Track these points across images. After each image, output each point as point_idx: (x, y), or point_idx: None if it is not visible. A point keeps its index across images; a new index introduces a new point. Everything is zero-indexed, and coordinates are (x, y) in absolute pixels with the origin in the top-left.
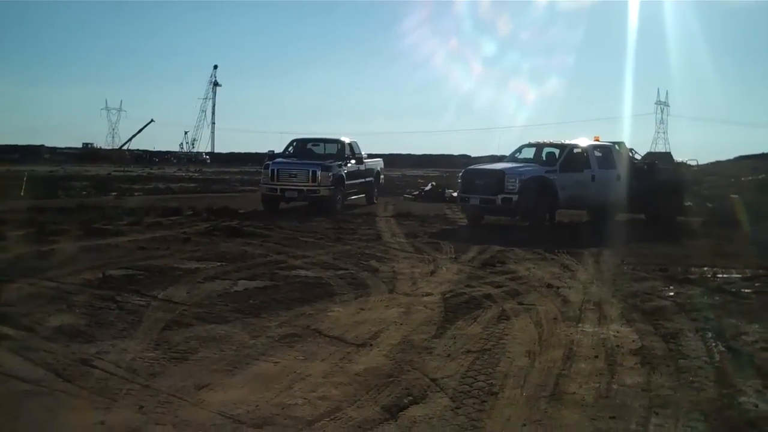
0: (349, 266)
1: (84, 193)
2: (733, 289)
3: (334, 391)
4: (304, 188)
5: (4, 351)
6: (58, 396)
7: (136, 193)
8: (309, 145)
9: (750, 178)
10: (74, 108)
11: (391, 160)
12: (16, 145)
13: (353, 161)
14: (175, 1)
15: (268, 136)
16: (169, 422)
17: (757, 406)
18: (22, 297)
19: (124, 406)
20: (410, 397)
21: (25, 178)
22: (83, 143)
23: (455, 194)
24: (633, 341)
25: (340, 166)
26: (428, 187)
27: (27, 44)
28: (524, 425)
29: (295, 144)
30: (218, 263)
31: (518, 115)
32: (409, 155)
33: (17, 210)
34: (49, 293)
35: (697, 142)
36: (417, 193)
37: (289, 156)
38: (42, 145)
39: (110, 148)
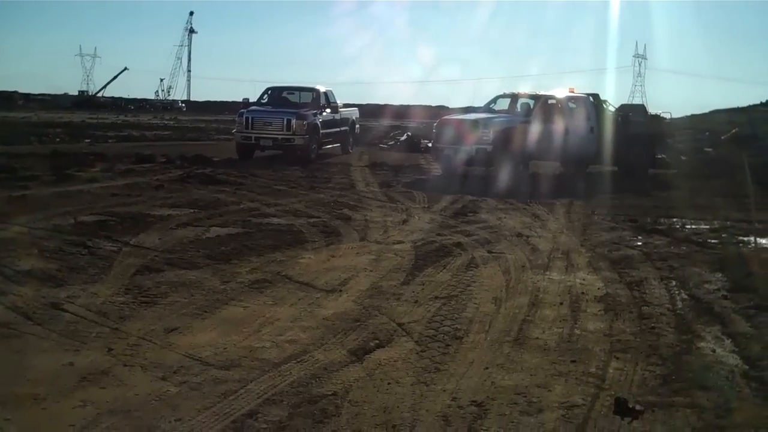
0: (322, 215)
1: (57, 139)
2: (700, 240)
3: (301, 334)
4: (279, 136)
5: None
6: (28, 338)
7: (110, 140)
8: (284, 94)
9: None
10: (48, 55)
11: (369, 110)
12: None
13: (328, 110)
14: None
15: (244, 85)
16: (138, 364)
17: (714, 351)
18: None
19: (94, 348)
20: (376, 341)
21: None
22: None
23: (430, 144)
24: (598, 289)
25: (315, 114)
26: (404, 138)
27: None
28: (486, 368)
29: (269, 92)
30: (191, 210)
31: (497, 67)
32: (387, 105)
33: None
34: (20, 238)
35: (675, 96)
36: (392, 143)
37: (264, 105)
38: (15, 91)
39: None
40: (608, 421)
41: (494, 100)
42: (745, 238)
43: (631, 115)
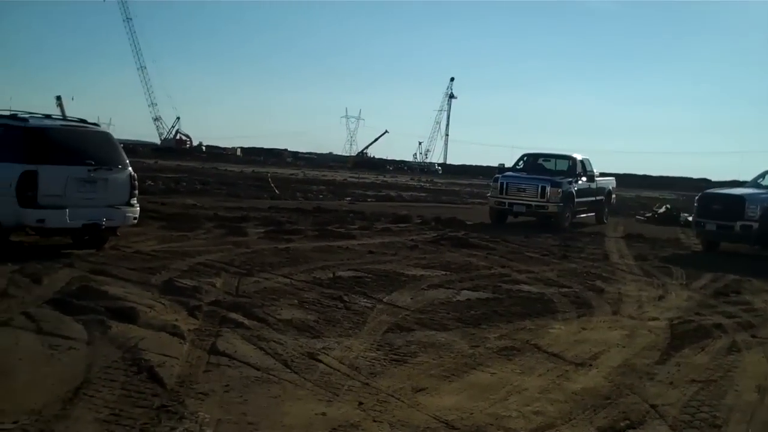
0: (574, 284)
1: (321, 196)
2: None
3: (549, 407)
4: (533, 203)
5: (239, 339)
6: (285, 385)
7: (369, 200)
8: (540, 160)
9: None
10: (316, 116)
11: (626, 180)
12: (262, 148)
13: (584, 178)
14: (412, 15)
15: (500, 150)
16: (386, 421)
17: None
18: (258, 290)
19: (345, 401)
20: (627, 421)
21: (269, 179)
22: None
23: (691, 218)
24: None
25: (570, 182)
26: (662, 210)
27: (277, 53)
28: None
29: (526, 158)
30: (443, 272)
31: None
32: (645, 176)
33: (259, 209)
34: (283, 289)
35: None
36: (650, 215)
37: (520, 170)
38: (285, 149)
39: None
40: None
41: (762, 175)
42: None
43: None
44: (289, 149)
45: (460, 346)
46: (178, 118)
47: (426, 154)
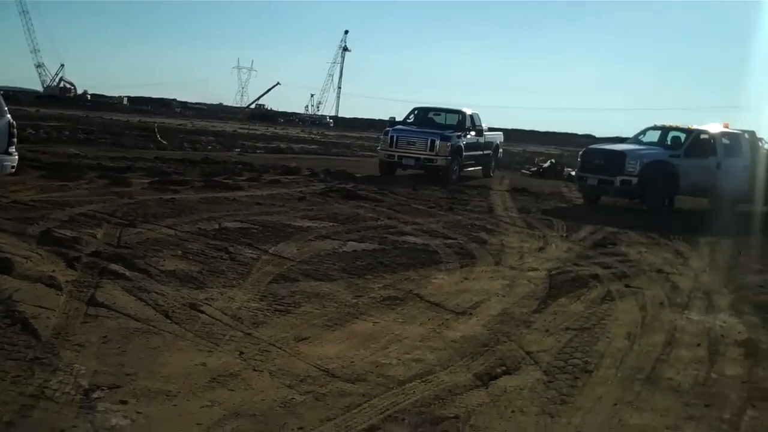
0: (458, 236)
1: (209, 147)
2: None
3: (428, 355)
4: (422, 156)
5: (120, 290)
6: (165, 336)
7: (258, 151)
8: (430, 115)
9: None
10: (206, 66)
11: (513, 134)
12: (150, 98)
13: (473, 133)
14: None
15: (392, 104)
16: (267, 370)
17: None
18: (141, 241)
19: (226, 351)
20: (503, 367)
21: (156, 129)
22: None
23: (574, 173)
24: (739, 333)
25: (459, 136)
26: (547, 164)
27: (167, 2)
28: (615, 405)
29: (416, 112)
30: (330, 223)
31: (648, 98)
32: (532, 131)
33: (145, 159)
34: (167, 240)
35: None
36: (535, 169)
37: (410, 124)
38: (174, 99)
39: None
40: None
41: (643, 132)
42: None
43: None
44: (178, 99)
45: (344, 296)
46: (62, 65)
47: (318, 107)
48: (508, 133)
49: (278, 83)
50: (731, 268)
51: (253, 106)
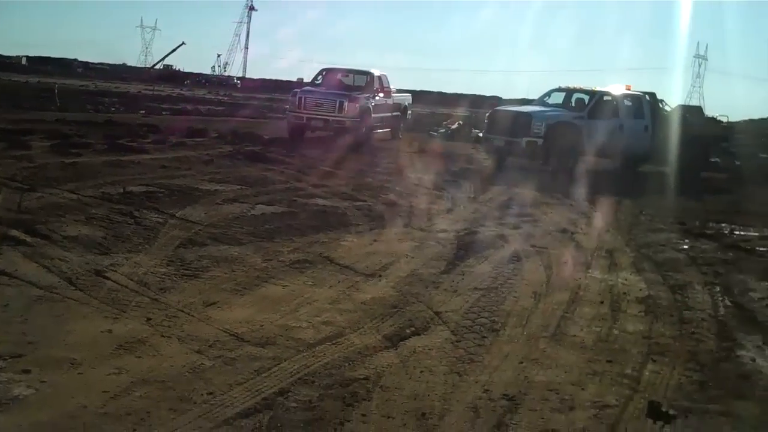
0: (368, 198)
1: (113, 109)
2: (748, 247)
3: (338, 317)
4: (330, 118)
5: (21, 257)
6: (69, 303)
7: (164, 113)
8: (338, 76)
9: None
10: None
11: (422, 97)
12: (50, 57)
13: (381, 94)
14: None
15: (301, 65)
16: (175, 335)
17: (754, 360)
18: (42, 206)
19: (133, 317)
20: (412, 328)
21: (56, 89)
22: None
23: (481, 134)
24: (640, 290)
25: (367, 98)
26: (455, 126)
27: None
28: (521, 362)
29: (324, 74)
30: (238, 187)
31: (555, 60)
32: (441, 93)
33: (45, 121)
34: (69, 204)
35: (734, 99)
36: (444, 131)
37: (318, 85)
38: (75, 59)
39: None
40: (640, 423)
41: (548, 94)
42: None
43: (687, 116)
44: (79, 59)
45: (253, 260)
46: None
47: (225, 68)
48: (417, 95)
49: (183, 43)
50: (633, 227)
51: (159, 66)
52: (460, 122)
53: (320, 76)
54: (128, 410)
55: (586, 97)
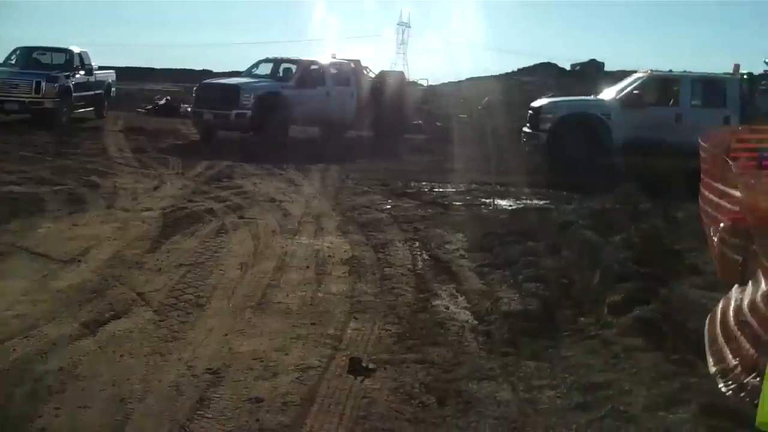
0: (68, 181)
1: None
2: (446, 202)
3: (32, 308)
4: (27, 100)
5: None
6: None
7: None
8: (34, 54)
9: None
10: None
11: (129, 72)
12: None
13: (82, 72)
14: None
15: None
16: None
17: (447, 308)
18: None
19: None
20: (112, 312)
21: None
22: None
23: (190, 109)
24: (345, 251)
25: (67, 77)
26: (162, 102)
27: None
28: (226, 335)
29: (18, 52)
30: None
31: (265, 32)
32: (149, 68)
33: None
34: None
35: (436, 64)
36: (150, 107)
37: (12, 65)
38: None
39: None
40: (341, 381)
41: (256, 65)
42: (487, 200)
43: (387, 81)
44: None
45: None
46: None
47: None
48: (124, 71)
49: None
50: (339, 191)
51: None
52: (168, 97)
53: (14, 56)
54: None
55: (293, 67)
